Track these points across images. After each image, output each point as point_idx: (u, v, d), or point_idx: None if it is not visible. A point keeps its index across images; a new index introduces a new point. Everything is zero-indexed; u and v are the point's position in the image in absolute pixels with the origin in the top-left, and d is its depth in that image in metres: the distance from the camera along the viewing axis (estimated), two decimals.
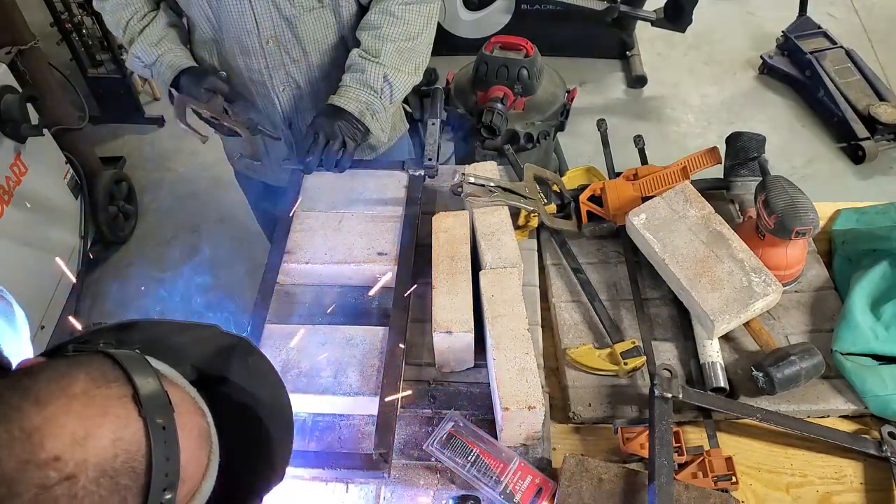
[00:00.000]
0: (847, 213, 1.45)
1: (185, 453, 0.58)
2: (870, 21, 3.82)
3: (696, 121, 3.36)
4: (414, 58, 1.40)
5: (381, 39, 1.36)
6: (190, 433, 0.60)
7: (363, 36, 1.39)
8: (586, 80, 3.55)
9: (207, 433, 0.63)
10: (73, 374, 0.57)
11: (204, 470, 0.62)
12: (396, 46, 1.37)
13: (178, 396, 0.61)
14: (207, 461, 0.62)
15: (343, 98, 1.36)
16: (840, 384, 1.16)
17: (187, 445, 0.58)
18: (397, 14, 1.36)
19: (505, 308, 1.13)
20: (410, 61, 1.40)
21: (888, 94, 3.12)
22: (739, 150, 1.45)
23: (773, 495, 1.07)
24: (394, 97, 1.40)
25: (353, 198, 1.44)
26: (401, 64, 1.38)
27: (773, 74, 3.49)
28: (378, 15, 1.37)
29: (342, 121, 1.35)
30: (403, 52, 1.38)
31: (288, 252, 1.33)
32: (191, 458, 0.59)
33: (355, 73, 1.37)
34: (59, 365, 0.58)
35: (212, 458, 0.63)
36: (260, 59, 1.40)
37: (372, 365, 1.16)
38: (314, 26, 1.39)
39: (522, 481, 1.04)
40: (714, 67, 3.63)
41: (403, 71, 1.39)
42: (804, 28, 3.39)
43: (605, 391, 1.17)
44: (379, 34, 1.37)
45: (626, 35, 3.51)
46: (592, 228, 1.41)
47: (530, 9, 3.43)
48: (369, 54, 1.37)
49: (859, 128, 3.04)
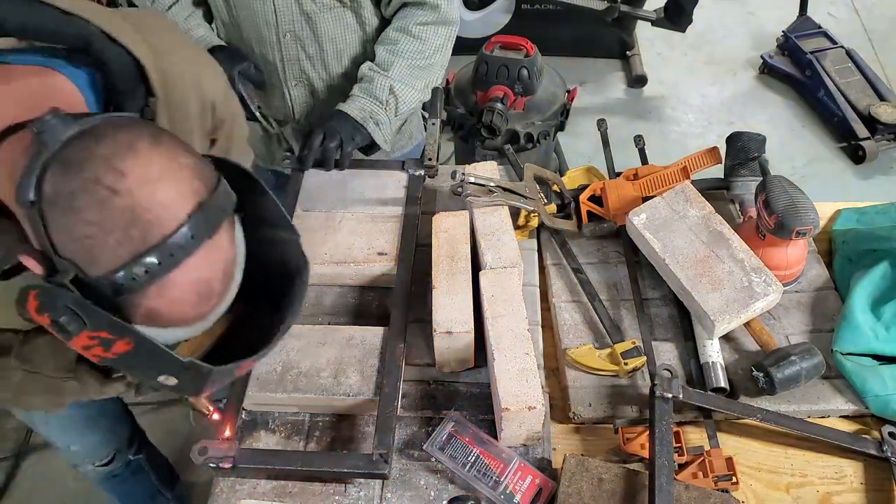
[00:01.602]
0: (847, 213, 1.45)
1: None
2: (870, 21, 3.82)
3: (696, 121, 3.36)
4: (425, 76, 1.44)
5: (395, 55, 1.40)
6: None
7: (379, 50, 1.42)
8: (586, 80, 3.54)
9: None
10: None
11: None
12: (409, 63, 1.40)
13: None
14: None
15: (348, 105, 1.39)
16: (840, 384, 1.16)
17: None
18: (415, 33, 1.40)
19: (505, 308, 1.13)
20: (421, 79, 1.43)
21: (888, 94, 3.11)
22: (739, 150, 1.45)
23: (773, 495, 1.07)
24: (399, 110, 1.42)
25: (352, 198, 1.44)
26: (410, 80, 1.41)
27: (774, 74, 3.49)
28: (396, 32, 1.41)
29: (344, 124, 1.38)
30: (415, 70, 1.41)
31: None
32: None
33: (363, 84, 1.41)
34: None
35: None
36: (276, 51, 1.42)
37: (372, 365, 1.16)
38: (333, 25, 1.41)
39: (522, 481, 1.04)
40: (714, 67, 3.63)
41: (412, 87, 1.42)
42: (804, 28, 3.39)
43: (606, 391, 1.17)
44: (394, 49, 1.40)
45: (626, 35, 3.51)
46: (592, 228, 1.41)
47: (530, 9, 3.43)
48: (380, 67, 1.40)
49: (859, 128, 3.03)
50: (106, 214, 0.61)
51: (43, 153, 0.63)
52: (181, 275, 0.64)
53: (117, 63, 0.78)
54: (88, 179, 0.61)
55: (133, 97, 0.81)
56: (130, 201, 0.61)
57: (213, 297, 0.69)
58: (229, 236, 0.70)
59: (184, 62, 0.91)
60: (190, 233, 0.64)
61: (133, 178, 0.62)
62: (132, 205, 0.61)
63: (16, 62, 0.75)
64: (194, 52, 1.00)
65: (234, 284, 0.72)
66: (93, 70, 0.78)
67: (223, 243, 0.69)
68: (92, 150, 0.63)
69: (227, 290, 0.71)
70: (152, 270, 0.62)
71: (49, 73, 0.75)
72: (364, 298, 1.33)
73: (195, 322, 0.70)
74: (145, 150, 0.64)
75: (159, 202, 0.62)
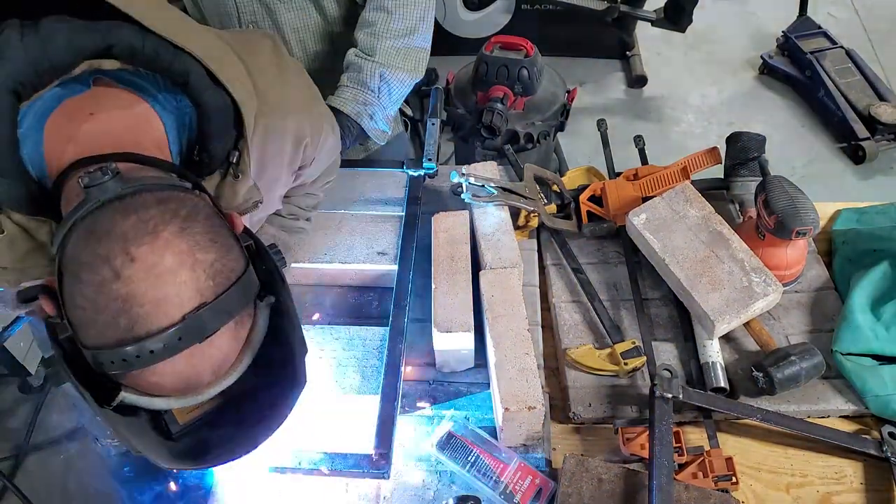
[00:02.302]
0: (847, 213, 1.45)
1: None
2: (870, 21, 3.81)
3: (696, 121, 3.36)
4: (412, 55, 1.39)
5: (376, 37, 1.35)
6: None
7: (359, 35, 1.38)
8: (586, 80, 3.54)
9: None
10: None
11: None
12: (392, 44, 1.35)
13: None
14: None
15: (340, 99, 1.36)
16: (840, 384, 1.16)
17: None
18: (391, 9, 1.35)
19: (505, 308, 1.13)
20: (409, 58, 1.38)
21: (888, 94, 3.11)
22: (739, 150, 1.45)
23: (773, 495, 1.07)
24: (392, 95, 1.38)
25: (352, 198, 1.44)
26: (398, 62, 1.37)
27: (774, 74, 3.49)
28: (372, 12, 1.36)
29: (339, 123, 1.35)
30: (400, 50, 1.37)
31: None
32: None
33: (352, 73, 1.37)
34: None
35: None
36: None
37: (372, 365, 1.16)
38: (294, 15, 1.39)
39: (522, 482, 1.04)
40: (714, 67, 3.63)
41: (402, 69, 1.37)
42: (804, 28, 3.38)
43: (605, 391, 1.17)
44: (373, 31, 1.35)
45: (626, 35, 3.51)
46: (592, 228, 1.41)
47: (530, 9, 3.42)
48: (364, 52, 1.36)
49: (859, 128, 3.03)
50: (101, 296, 0.61)
51: (79, 210, 0.64)
52: (162, 367, 0.64)
53: (213, 106, 0.78)
54: (99, 256, 0.61)
55: (222, 139, 0.81)
56: (127, 290, 0.61)
57: (201, 388, 0.68)
58: (231, 335, 0.68)
59: (287, 108, 0.92)
60: (177, 335, 0.62)
61: (140, 266, 0.61)
62: (128, 294, 0.61)
63: (116, 80, 0.76)
64: (301, 93, 0.99)
65: (230, 378, 0.70)
66: (188, 106, 0.78)
67: (219, 344, 0.66)
68: (117, 224, 0.63)
69: (217, 383, 0.69)
70: (130, 361, 0.62)
71: (140, 104, 0.76)
72: (364, 298, 1.33)
73: (181, 401, 0.69)
74: (166, 238, 0.63)
75: (155, 298, 0.61)
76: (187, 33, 0.78)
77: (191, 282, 0.63)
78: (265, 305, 0.72)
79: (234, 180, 0.84)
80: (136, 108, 0.76)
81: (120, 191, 0.64)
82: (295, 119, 0.95)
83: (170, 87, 0.78)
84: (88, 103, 0.73)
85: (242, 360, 0.70)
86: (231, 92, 0.79)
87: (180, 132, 0.79)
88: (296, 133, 0.96)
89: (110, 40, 0.73)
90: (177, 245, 0.63)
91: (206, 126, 0.79)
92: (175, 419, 0.75)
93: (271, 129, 0.90)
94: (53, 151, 0.72)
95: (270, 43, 0.96)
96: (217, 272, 0.65)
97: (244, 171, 0.84)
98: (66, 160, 0.70)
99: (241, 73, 0.84)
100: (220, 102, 0.79)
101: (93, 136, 0.72)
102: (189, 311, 0.63)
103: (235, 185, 0.84)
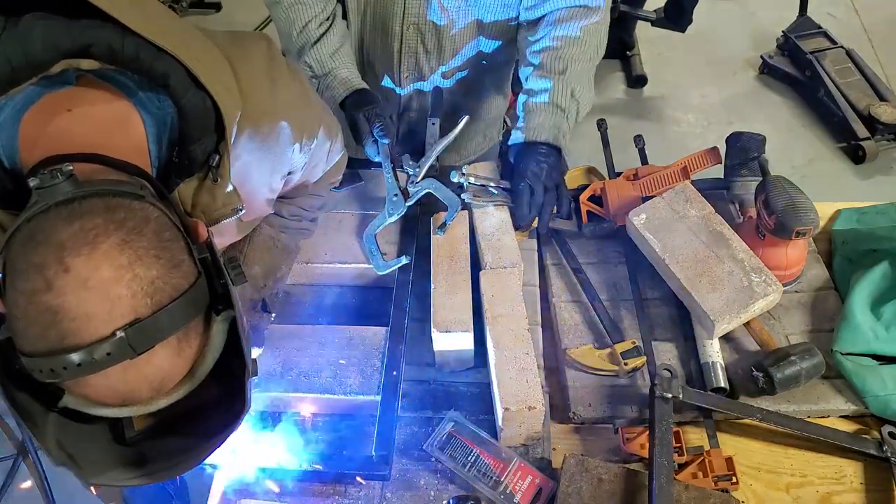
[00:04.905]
0: (847, 213, 1.45)
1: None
2: (870, 21, 3.81)
3: (696, 121, 3.36)
4: (592, 76, 1.39)
5: (563, 60, 1.33)
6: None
7: (544, 57, 1.35)
8: None
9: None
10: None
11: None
12: (581, 67, 1.34)
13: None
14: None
15: (531, 127, 1.33)
16: (840, 384, 1.16)
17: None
18: (579, 35, 1.33)
19: (505, 308, 1.13)
20: (591, 80, 1.39)
21: (888, 94, 3.11)
22: (739, 150, 1.45)
23: (773, 495, 1.07)
24: (580, 115, 1.37)
25: (353, 197, 1.44)
26: (585, 82, 1.36)
27: (774, 74, 3.49)
28: (556, 40, 1.34)
29: (541, 157, 1.31)
30: (586, 73, 1.37)
31: None
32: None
33: (540, 95, 1.33)
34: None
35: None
36: (396, 41, 1.42)
37: (372, 365, 1.16)
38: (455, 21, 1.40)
39: (522, 481, 1.04)
40: (714, 67, 3.63)
41: (588, 89, 1.37)
42: (804, 28, 3.39)
43: (605, 391, 1.17)
44: (559, 55, 1.33)
45: (626, 35, 3.51)
46: (592, 228, 1.41)
47: None
48: (552, 72, 1.33)
49: (859, 128, 3.03)
50: (32, 307, 0.60)
51: (26, 212, 0.62)
52: (94, 380, 0.62)
53: (193, 108, 0.76)
54: (34, 264, 0.60)
55: (202, 142, 0.78)
56: (57, 302, 0.59)
57: (140, 402, 0.66)
58: (173, 352, 0.65)
59: (276, 111, 0.90)
60: (106, 350, 0.60)
61: (73, 277, 0.59)
62: (57, 307, 0.59)
63: (100, 79, 0.74)
64: (292, 96, 0.96)
65: (175, 395, 0.68)
66: (171, 106, 0.77)
67: (158, 361, 0.64)
68: (57, 231, 0.61)
69: (156, 399, 0.67)
70: (58, 372, 0.60)
71: (121, 101, 0.74)
72: (364, 298, 1.33)
73: (124, 411, 0.67)
74: (104, 250, 0.61)
75: (85, 313, 0.60)
76: (171, 34, 0.76)
77: (126, 297, 0.61)
78: (222, 320, 0.70)
79: (212, 184, 0.81)
80: (115, 105, 0.74)
81: (70, 194, 0.62)
82: (283, 122, 0.93)
83: (153, 87, 0.76)
84: (67, 99, 0.72)
85: (195, 375, 0.69)
86: (213, 94, 0.77)
87: (161, 132, 0.77)
88: (283, 136, 0.94)
89: (88, 40, 0.70)
90: (116, 258, 0.61)
91: (186, 128, 0.77)
92: (131, 423, 0.74)
93: (257, 132, 0.88)
94: (26, 146, 0.70)
95: (265, 44, 0.94)
96: (157, 289, 0.63)
97: (223, 175, 0.81)
98: (35, 157, 0.69)
99: (226, 75, 0.82)
100: (201, 105, 0.77)
101: (63, 133, 0.70)
102: (120, 327, 0.61)
103: (214, 189, 0.82)
